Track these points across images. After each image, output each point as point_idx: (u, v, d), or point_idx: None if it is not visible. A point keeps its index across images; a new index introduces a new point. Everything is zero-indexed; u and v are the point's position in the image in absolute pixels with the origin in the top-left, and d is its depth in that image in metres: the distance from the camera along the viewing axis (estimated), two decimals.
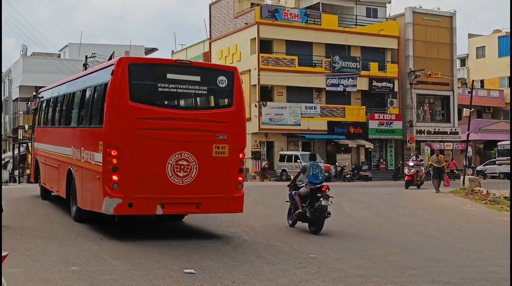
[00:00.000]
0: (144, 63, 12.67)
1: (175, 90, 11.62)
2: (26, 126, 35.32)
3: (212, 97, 12.39)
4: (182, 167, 11.20)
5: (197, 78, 11.78)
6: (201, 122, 11.50)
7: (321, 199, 12.75)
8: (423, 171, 28.52)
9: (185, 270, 8.87)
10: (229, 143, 11.57)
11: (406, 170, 27.89)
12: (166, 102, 11.86)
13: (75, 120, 13.87)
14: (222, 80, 11.84)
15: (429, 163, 26.65)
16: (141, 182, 11.06)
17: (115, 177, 10.95)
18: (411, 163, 27.67)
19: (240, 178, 11.82)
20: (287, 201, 14.35)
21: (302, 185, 13.49)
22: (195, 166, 11.26)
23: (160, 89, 11.50)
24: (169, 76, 11.57)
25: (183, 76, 11.70)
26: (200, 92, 11.95)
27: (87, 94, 13.04)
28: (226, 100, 12.03)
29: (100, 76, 12.22)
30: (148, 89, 11.58)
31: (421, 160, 30.17)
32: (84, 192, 12.58)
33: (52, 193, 16.57)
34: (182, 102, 12.23)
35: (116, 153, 10.97)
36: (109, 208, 11.07)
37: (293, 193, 13.66)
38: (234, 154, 11.64)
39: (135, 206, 11.12)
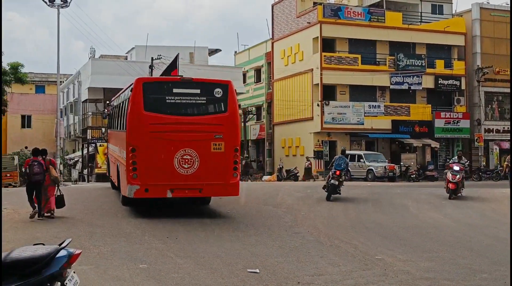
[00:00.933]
0: (155, 81, 15.81)
1: (180, 101, 14.46)
2: (103, 129, 36.81)
3: (210, 105, 14.88)
4: (187, 160, 14.07)
5: (197, 91, 14.64)
6: (201, 125, 14.30)
7: (332, 179, 19.42)
8: (463, 176, 23.37)
9: (248, 270, 8.90)
10: (224, 141, 14.30)
11: (449, 176, 21.65)
12: (172, 111, 14.36)
13: (119, 125, 16.94)
14: (218, 91, 14.62)
15: (505, 164, 24.30)
16: (154, 173, 13.95)
17: (134, 169, 14.00)
18: (456, 168, 21.77)
19: (235, 168, 14.40)
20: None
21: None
22: (197, 160, 14.09)
23: (168, 101, 14.34)
24: (175, 90, 14.42)
25: (186, 90, 14.54)
26: (200, 101, 14.76)
27: (122, 105, 16.12)
28: (222, 107, 14.67)
29: (127, 92, 15.45)
30: (159, 101, 14.37)
31: (467, 162, 23.89)
32: (122, 182, 15.57)
33: None
34: (185, 110, 14.63)
35: (135, 151, 14.03)
36: (130, 193, 14.10)
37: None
38: (229, 149, 14.35)
39: (150, 191, 14.11)
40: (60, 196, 14.34)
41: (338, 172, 19.54)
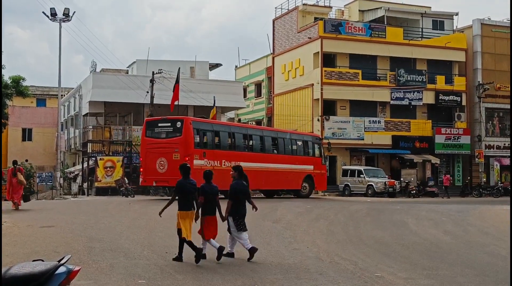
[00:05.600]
0: (151, 120, 27.74)
1: (160, 130, 26.34)
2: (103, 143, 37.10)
3: (173, 132, 25.84)
4: (162, 164, 25.41)
5: (169, 124, 26.25)
6: (168, 144, 25.54)
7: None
8: None
9: None
10: (180, 153, 25.01)
11: None
12: (157, 136, 26.29)
13: None
14: (179, 123, 25.84)
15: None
16: (148, 171, 25.81)
17: (141, 170, 27.03)
18: None
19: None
20: None
21: None
22: (166, 164, 25.21)
23: (156, 130, 26.46)
24: (159, 124, 26.49)
25: (163, 124, 26.39)
26: (169, 130, 26.06)
27: None
28: (179, 133, 25.55)
29: None
30: (151, 131, 26.59)
31: None
32: None
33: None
34: (162, 135, 26.22)
35: (141, 159, 27.36)
36: (140, 182, 28.08)
37: None
38: (182, 157, 24.17)
39: (146, 182, 26.87)
40: (26, 195, 22.45)
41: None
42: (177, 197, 10.85)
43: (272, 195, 32.09)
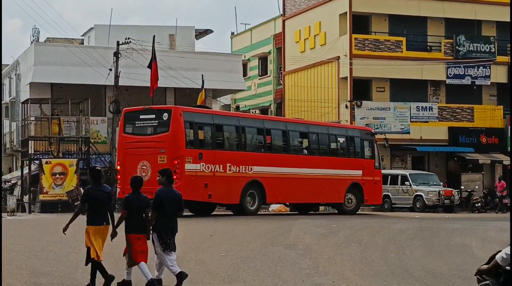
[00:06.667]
0: (132, 111, 28.69)
1: (142, 124, 27.65)
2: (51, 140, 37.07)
3: (159, 126, 27.01)
4: (144, 169, 25.79)
5: (153, 116, 27.41)
6: (152, 143, 26.58)
7: None
8: None
9: None
10: (166, 154, 25.89)
11: None
12: (139, 132, 27.65)
13: None
14: (165, 115, 26.72)
15: None
16: (127, 180, 21.24)
17: (119, 177, 28.00)
18: None
19: (173, 177, 23.98)
20: None
21: None
22: (150, 169, 25.40)
23: (137, 125, 27.74)
24: (141, 117, 27.66)
25: (146, 115, 27.55)
26: (154, 124, 27.34)
27: None
28: (166, 127, 26.52)
29: None
30: (132, 125, 27.84)
31: None
32: None
33: None
34: (145, 131, 27.61)
35: (119, 164, 28.02)
36: (117, 193, 27.54)
37: None
38: (169, 161, 25.41)
39: (125, 193, 22.43)
40: None
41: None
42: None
43: (306, 211, 32.80)
